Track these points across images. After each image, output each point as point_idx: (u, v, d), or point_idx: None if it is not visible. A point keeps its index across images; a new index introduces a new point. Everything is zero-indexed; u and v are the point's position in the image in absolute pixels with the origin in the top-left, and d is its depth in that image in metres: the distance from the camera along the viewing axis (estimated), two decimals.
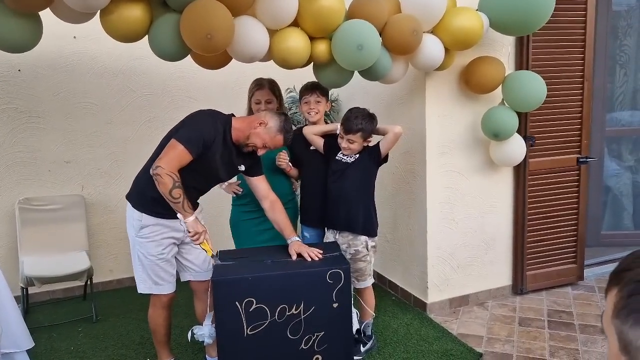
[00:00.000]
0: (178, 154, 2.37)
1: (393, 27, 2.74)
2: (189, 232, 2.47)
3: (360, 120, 2.81)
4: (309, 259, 2.50)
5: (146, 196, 2.52)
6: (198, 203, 2.73)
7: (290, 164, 3.05)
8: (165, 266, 2.61)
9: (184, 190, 2.42)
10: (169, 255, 2.62)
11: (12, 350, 2.66)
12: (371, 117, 2.88)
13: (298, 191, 3.25)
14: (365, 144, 2.90)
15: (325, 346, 2.44)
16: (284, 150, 3.00)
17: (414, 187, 3.59)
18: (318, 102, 3.03)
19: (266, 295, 2.34)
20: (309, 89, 3.05)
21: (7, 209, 3.78)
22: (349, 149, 2.87)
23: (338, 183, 2.91)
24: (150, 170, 2.36)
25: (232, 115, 2.63)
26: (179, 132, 2.43)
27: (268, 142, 2.53)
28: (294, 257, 2.53)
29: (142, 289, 2.66)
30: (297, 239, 2.62)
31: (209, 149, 2.45)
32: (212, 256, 2.55)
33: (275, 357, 2.40)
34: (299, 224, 3.21)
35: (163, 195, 2.38)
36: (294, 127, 3.02)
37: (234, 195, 3.07)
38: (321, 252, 2.53)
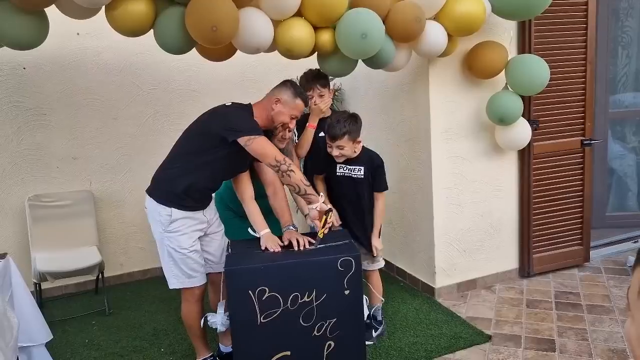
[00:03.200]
0: (268, 143, 2.44)
1: (396, 15, 2.75)
2: (316, 217, 2.51)
3: (343, 124, 2.74)
4: (295, 247, 2.51)
5: (175, 192, 2.52)
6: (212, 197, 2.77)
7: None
8: (197, 257, 2.61)
9: (200, 190, 2.56)
10: (198, 246, 2.63)
11: (27, 344, 2.71)
12: (354, 118, 2.81)
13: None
14: (355, 145, 2.83)
15: (337, 333, 2.47)
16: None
17: (420, 174, 3.61)
18: (321, 95, 3.00)
19: (278, 284, 2.37)
20: (309, 82, 2.99)
21: (17, 206, 3.82)
22: (342, 156, 2.83)
23: (353, 202, 2.90)
24: (280, 168, 2.39)
25: (251, 104, 2.64)
26: (237, 132, 2.40)
27: (292, 112, 2.58)
28: (286, 243, 2.55)
29: (174, 284, 2.63)
30: (292, 227, 2.63)
31: None
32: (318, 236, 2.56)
33: (289, 345, 2.44)
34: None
35: (297, 185, 2.44)
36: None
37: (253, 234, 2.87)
38: (311, 240, 2.55)
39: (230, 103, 2.61)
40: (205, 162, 2.51)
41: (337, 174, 2.92)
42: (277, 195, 2.72)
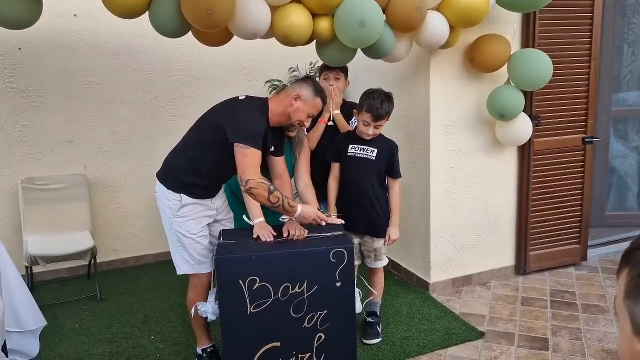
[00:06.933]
0: (252, 158, 2.33)
1: (396, 4, 2.69)
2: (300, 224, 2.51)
3: (387, 104, 2.76)
4: (286, 235, 2.49)
5: (183, 181, 2.51)
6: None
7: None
8: (205, 243, 2.60)
9: (209, 181, 2.54)
10: (206, 232, 2.62)
11: (15, 329, 2.67)
12: (391, 97, 2.81)
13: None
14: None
15: (328, 324, 2.44)
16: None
17: (418, 167, 3.57)
18: (337, 78, 3.03)
19: (269, 274, 2.33)
20: (328, 67, 3.03)
21: (10, 188, 3.78)
22: (373, 134, 2.82)
23: (360, 182, 2.85)
24: (242, 187, 2.35)
25: (267, 98, 2.58)
26: (235, 135, 2.34)
27: (310, 110, 2.53)
28: (285, 234, 2.51)
29: (183, 269, 2.61)
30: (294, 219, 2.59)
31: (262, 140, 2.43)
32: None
33: (278, 335, 2.41)
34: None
35: (263, 204, 2.41)
36: None
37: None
38: (306, 234, 2.51)
39: (245, 97, 2.55)
40: (215, 154, 2.49)
41: (349, 154, 2.89)
42: (284, 187, 2.68)
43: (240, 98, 2.54)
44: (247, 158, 2.32)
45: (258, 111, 2.46)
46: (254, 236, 2.52)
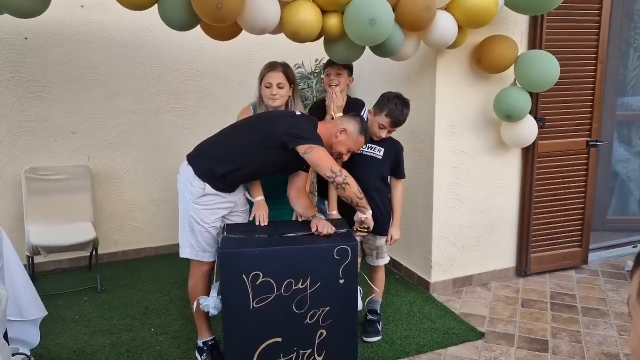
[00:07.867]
0: (326, 155, 2.44)
1: (406, 3, 2.68)
2: (367, 227, 2.59)
3: (406, 111, 2.78)
4: (315, 231, 2.49)
5: (214, 172, 2.54)
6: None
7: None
8: (214, 233, 2.63)
9: (238, 180, 2.61)
10: (218, 223, 2.65)
11: (17, 318, 2.67)
12: (408, 103, 2.82)
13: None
14: None
15: (330, 321, 2.44)
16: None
17: (421, 166, 3.57)
18: (339, 74, 3.01)
19: (273, 269, 2.34)
20: (331, 61, 3.03)
21: (13, 178, 3.78)
22: (386, 137, 2.83)
23: (365, 181, 2.80)
24: (338, 179, 2.39)
25: (317, 120, 2.66)
26: (300, 139, 2.42)
27: (352, 146, 2.62)
28: (314, 229, 2.51)
29: (187, 253, 2.65)
30: (321, 215, 2.63)
31: None
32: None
33: (280, 331, 2.41)
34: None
35: (350, 197, 2.46)
36: (304, 102, 3.03)
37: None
38: (333, 230, 2.52)
39: (300, 113, 2.66)
40: (256, 160, 2.54)
41: (363, 164, 2.87)
42: (299, 194, 2.71)
43: (297, 113, 2.66)
44: (324, 155, 2.42)
45: (312, 125, 2.56)
46: (250, 217, 2.65)
